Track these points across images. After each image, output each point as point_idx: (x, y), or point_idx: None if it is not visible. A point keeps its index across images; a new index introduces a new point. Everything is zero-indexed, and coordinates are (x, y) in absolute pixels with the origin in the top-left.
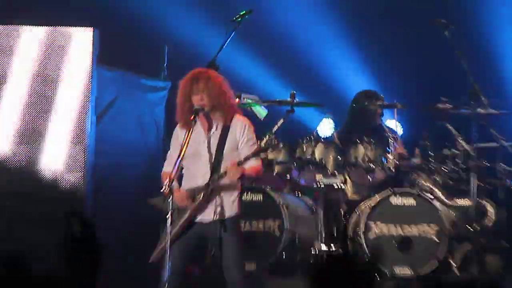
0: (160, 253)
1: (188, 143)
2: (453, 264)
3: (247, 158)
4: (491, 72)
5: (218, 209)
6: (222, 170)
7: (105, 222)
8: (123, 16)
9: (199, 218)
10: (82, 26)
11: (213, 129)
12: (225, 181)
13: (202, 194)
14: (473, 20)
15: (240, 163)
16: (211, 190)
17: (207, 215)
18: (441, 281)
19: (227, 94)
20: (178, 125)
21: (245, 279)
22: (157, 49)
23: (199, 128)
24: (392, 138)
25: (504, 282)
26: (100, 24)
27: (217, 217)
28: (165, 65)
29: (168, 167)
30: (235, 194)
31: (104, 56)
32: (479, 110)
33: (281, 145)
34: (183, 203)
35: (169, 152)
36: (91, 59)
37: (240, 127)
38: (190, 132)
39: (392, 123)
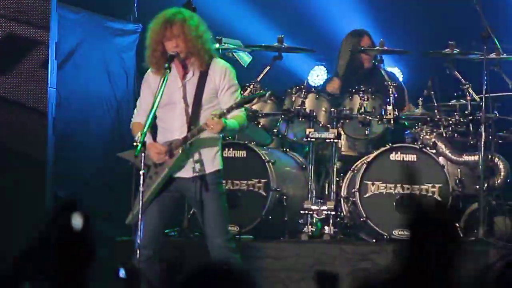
0: (136, 214)
1: (162, 91)
2: (458, 225)
3: (229, 109)
4: (506, 12)
5: (197, 165)
6: (201, 122)
7: (70, 183)
8: None
9: (177, 174)
10: None
11: (189, 75)
12: (204, 134)
13: (180, 149)
14: None
15: (221, 115)
16: (190, 144)
17: (186, 171)
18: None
19: (203, 37)
20: (149, 70)
21: (228, 243)
22: None
23: (174, 75)
24: (392, 87)
25: None
26: None
27: (198, 173)
28: (135, 5)
29: (138, 117)
30: (216, 148)
31: None
32: (492, 55)
33: (269, 93)
34: (159, 158)
35: (138, 100)
36: None
37: (220, 73)
38: (165, 79)
39: (393, 70)
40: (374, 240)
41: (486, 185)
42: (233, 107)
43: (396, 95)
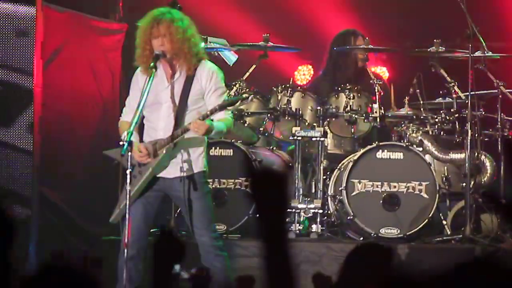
0: (120, 213)
1: (148, 90)
2: (445, 223)
3: (212, 111)
4: (491, 10)
5: (184, 164)
6: (186, 123)
7: (56, 182)
8: None
9: (162, 174)
10: None
11: (176, 76)
12: (189, 135)
13: (164, 149)
14: None
15: (206, 116)
16: (174, 144)
17: (171, 171)
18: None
19: (191, 40)
20: (138, 69)
21: (215, 241)
22: None
23: (161, 74)
24: (378, 86)
25: (501, 242)
26: None
27: (183, 174)
28: (120, 4)
29: (126, 116)
30: (200, 149)
31: None
32: (477, 53)
33: (252, 97)
34: (142, 159)
35: (127, 98)
36: None
37: (207, 75)
38: (151, 78)
39: (378, 68)
40: (361, 238)
41: (472, 182)
42: (217, 109)
43: (382, 94)
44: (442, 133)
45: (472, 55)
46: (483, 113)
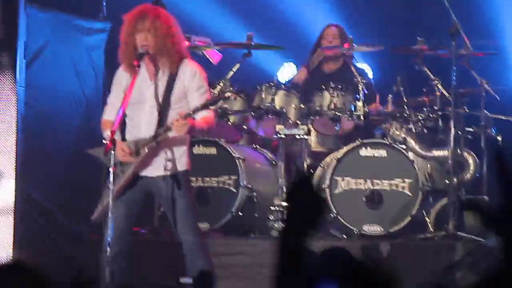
0: (102, 211)
1: (131, 89)
2: (428, 220)
3: (195, 110)
4: (475, 8)
5: (166, 163)
6: (169, 121)
7: (38, 180)
8: None
9: (144, 173)
10: None
11: (160, 75)
12: (172, 134)
13: (146, 148)
14: None
15: (188, 115)
16: (157, 143)
17: (153, 170)
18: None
19: (175, 37)
20: (120, 66)
21: (199, 239)
22: None
23: (144, 73)
24: (362, 83)
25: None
26: None
27: (167, 172)
28: (103, 3)
29: (108, 115)
30: (184, 147)
31: None
32: (460, 51)
33: (235, 95)
34: (125, 158)
35: (109, 96)
36: None
37: (189, 74)
38: (134, 77)
39: (363, 66)
40: (344, 236)
41: (455, 179)
42: (199, 109)
43: (366, 92)
44: (425, 130)
45: (455, 52)
46: (467, 110)
